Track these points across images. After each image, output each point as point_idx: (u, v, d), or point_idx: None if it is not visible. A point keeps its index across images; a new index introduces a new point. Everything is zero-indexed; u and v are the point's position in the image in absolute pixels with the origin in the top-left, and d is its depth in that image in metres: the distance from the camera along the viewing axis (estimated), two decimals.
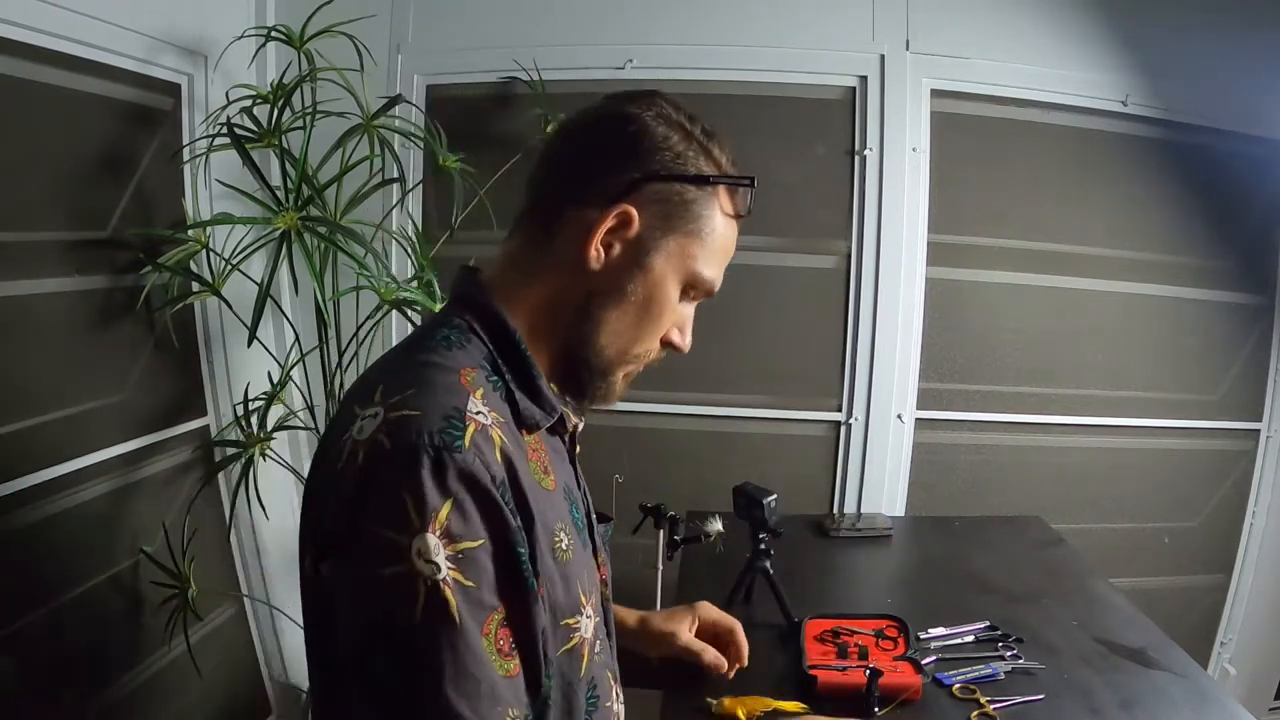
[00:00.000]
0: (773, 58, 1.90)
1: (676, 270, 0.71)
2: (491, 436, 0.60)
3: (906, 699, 1.07)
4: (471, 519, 0.57)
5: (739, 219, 0.74)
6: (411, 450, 0.56)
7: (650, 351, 0.74)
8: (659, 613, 1.01)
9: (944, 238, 1.95)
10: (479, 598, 0.57)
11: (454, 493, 0.56)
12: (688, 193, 0.69)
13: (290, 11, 1.77)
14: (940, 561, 1.62)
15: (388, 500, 0.55)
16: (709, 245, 0.72)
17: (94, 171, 1.46)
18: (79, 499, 1.43)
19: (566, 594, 0.66)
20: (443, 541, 0.55)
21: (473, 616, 0.56)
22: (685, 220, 0.70)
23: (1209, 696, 1.12)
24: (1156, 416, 2.02)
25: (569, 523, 0.69)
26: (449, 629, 0.55)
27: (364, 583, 0.56)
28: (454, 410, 0.59)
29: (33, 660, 1.33)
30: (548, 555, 0.63)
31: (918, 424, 2.00)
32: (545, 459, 0.70)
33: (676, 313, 0.73)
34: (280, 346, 1.90)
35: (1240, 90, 1.92)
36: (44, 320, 1.37)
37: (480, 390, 0.63)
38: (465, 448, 0.57)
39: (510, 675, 0.59)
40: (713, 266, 0.73)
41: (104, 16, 1.41)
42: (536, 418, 0.69)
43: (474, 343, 0.68)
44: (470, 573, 0.56)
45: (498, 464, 0.59)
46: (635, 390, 2.14)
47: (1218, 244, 1.98)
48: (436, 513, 0.55)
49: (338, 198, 1.63)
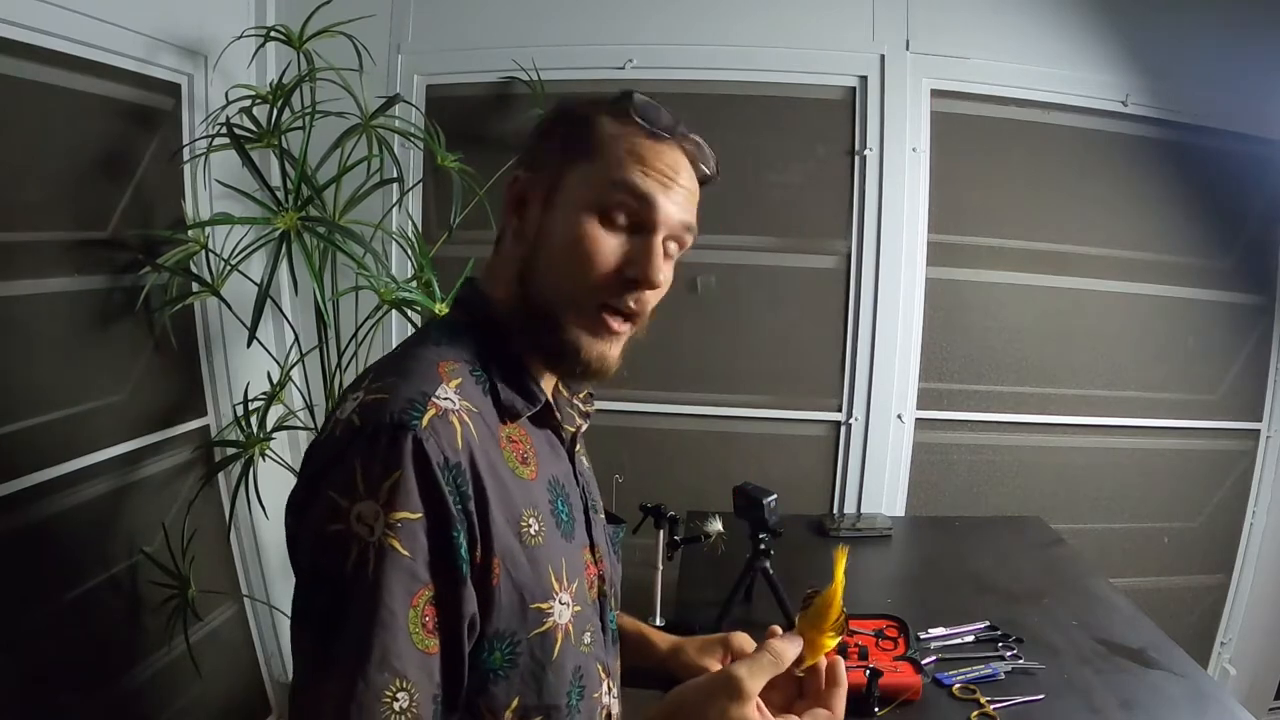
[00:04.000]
0: (773, 58, 1.90)
1: (583, 198, 0.71)
2: (452, 422, 0.64)
3: (906, 699, 1.07)
4: (412, 494, 0.60)
5: (645, 128, 0.72)
6: (373, 427, 0.62)
7: (600, 292, 0.71)
8: (693, 640, 0.97)
9: (944, 238, 1.95)
10: (412, 568, 0.60)
11: (401, 467, 0.60)
12: (572, 131, 0.73)
13: (290, 11, 1.78)
14: (940, 561, 1.62)
15: (344, 468, 0.61)
16: (608, 157, 0.71)
17: (94, 171, 1.46)
18: (79, 499, 1.43)
19: (535, 576, 0.68)
20: (384, 510, 0.59)
21: (402, 585, 0.59)
22: (574, 152, 0.72)
23: (1209, 696, 1.12)
24: (1156, 416, 2.02)
25: (546, 513, 0.72)
26: (372, 589, 0.59)
27: (311, 537, 0.62)
28: (420, 394, 0.64)
29: (33, 660, 1.33)
30: (508, 536, 0.66)
31: (918, 424, 2.00)
32: (528, 450, 0.73)
33: (607, 242, 0.70)
34: (280, 346, 1.90)
35: (1240, 90, 1.92)
36: (44, 320, 1.37)
37: (457, 381, 0.68)
38: (422, 428, 0.62)
39: (428, 652, 0.61)
40: (619, 172, 0.70)
41: (104, 16, 1.41)
42: (517, 406, 0.72)
43: (465, 339, 0.74)
44: (407, 542, 0.60)
45: (454, 449, 0.63)
46: (635, 390, 2.15)
47: (1218, 244, 1.98)
48: (381, 483, 0.60)
49: (337, 198, 1.63)
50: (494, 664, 0.67)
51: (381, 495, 0.60)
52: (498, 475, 0.67)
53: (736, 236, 1.94)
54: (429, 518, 0.61)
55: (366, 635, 0.58)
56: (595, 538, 0.81)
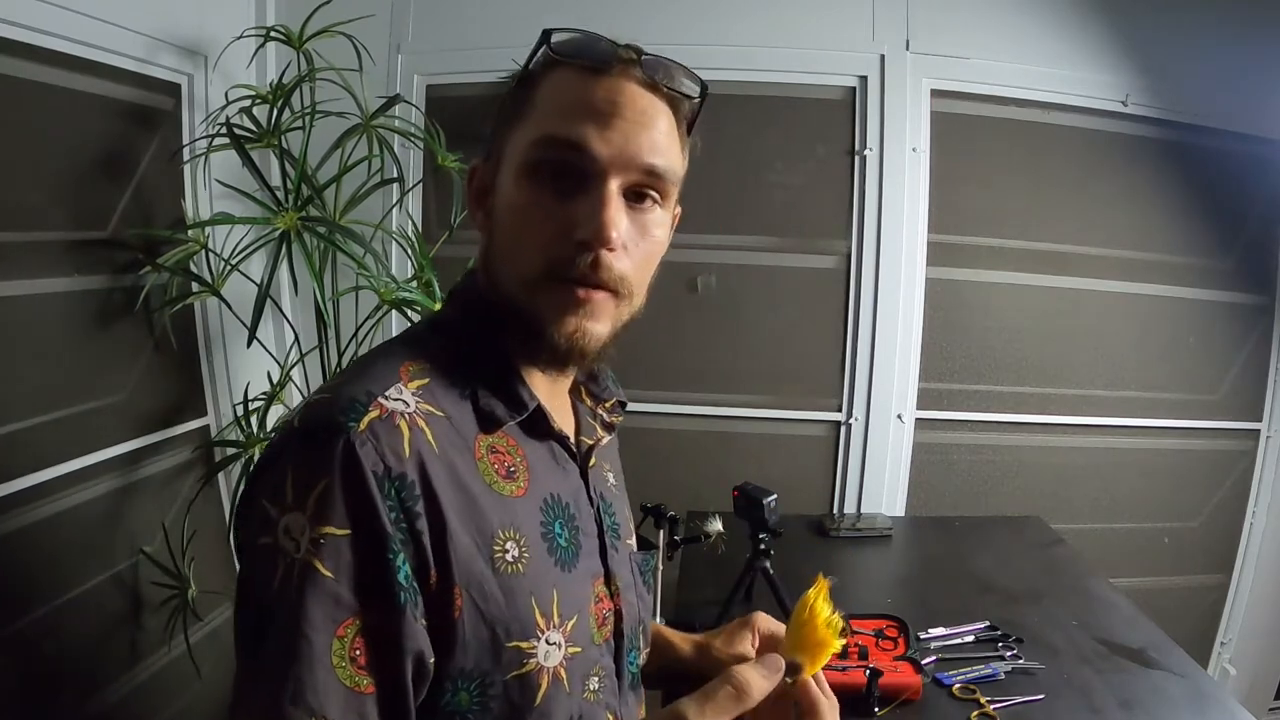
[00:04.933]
0: (773, 58, 1.90)
1: (513, 164, 0.63)
2: (399, 426, 0.56)
3: (906, 699, 1.07)
4: (337, 506, 0.53)
5: (576, 64, 0.62)
6: (307, 430, 0.56)
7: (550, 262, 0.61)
8: (716, 634, 0.90)
9: (944, 238, 1.95)
10: (336, 592, 0.53)
11: (330, 475, 0.53)
12: (509, 101, 0.66)
13: (290, 11, 1.77)
14: (940, 561, 1.62)
15: (275, 474, 0.55)
16: (536, 112, 0.63)
17: (94, 171, 1.46)
18: (79, 499, 1.43)
19: (510, 610, 0.59)
20: (310, 523, 0.53)
21: (324, 610, 0.52)
22: (510, 121, 0.65)
23: (1209, 696, 1.12)
24: (1156, 416, 2.02)
25: (534, 536, 0.62)
26: (292, 614, 0.52)
27: (245, 548, 0.56)
28: (364, 394, 0.57)
29: (33, 660, 1.33)
30: (475, 561, 0.58)
31: (918, 424, 2.00)
32: (516, 463, 0.64)
33: (546, 206, 0.61)
34: (280, 346, 1.90)
35: (1240, 90, 1.92)
36: (44, 320, 1.36)
37: (422, 382, 0.61)
38: (358, 431, 0.55)
39: (358, 691, 0.53)
40: (542, 124, 0.62)
41: (104, 16, 1.41)
42: (498, 413, 0.64)
43: (448, 336, 0.67)
44: (329, 561, 0.53)
45: (397, 456, 0.55)
46: (635, 390, 2.14)
47: (1218, 244, 1.98)
48: (308, 492, 0.53)
49: (337, 198, 1.63)
50: (460, 706, 0.58)
51: (309, 506, 0.53)
52: (465, 489, 0.59)
53: (736, 236, 1.94)
54: (357, 534, 0.53)
55: (283, 665, 0.51)
56: (613, 567, 0.71)
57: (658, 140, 0.62)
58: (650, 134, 0.61)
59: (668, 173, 0.63)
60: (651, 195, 0.63)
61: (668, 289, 1.91)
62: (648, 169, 0.61)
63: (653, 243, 0.65)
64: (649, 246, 0.65)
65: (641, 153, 0.61)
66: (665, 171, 0.62)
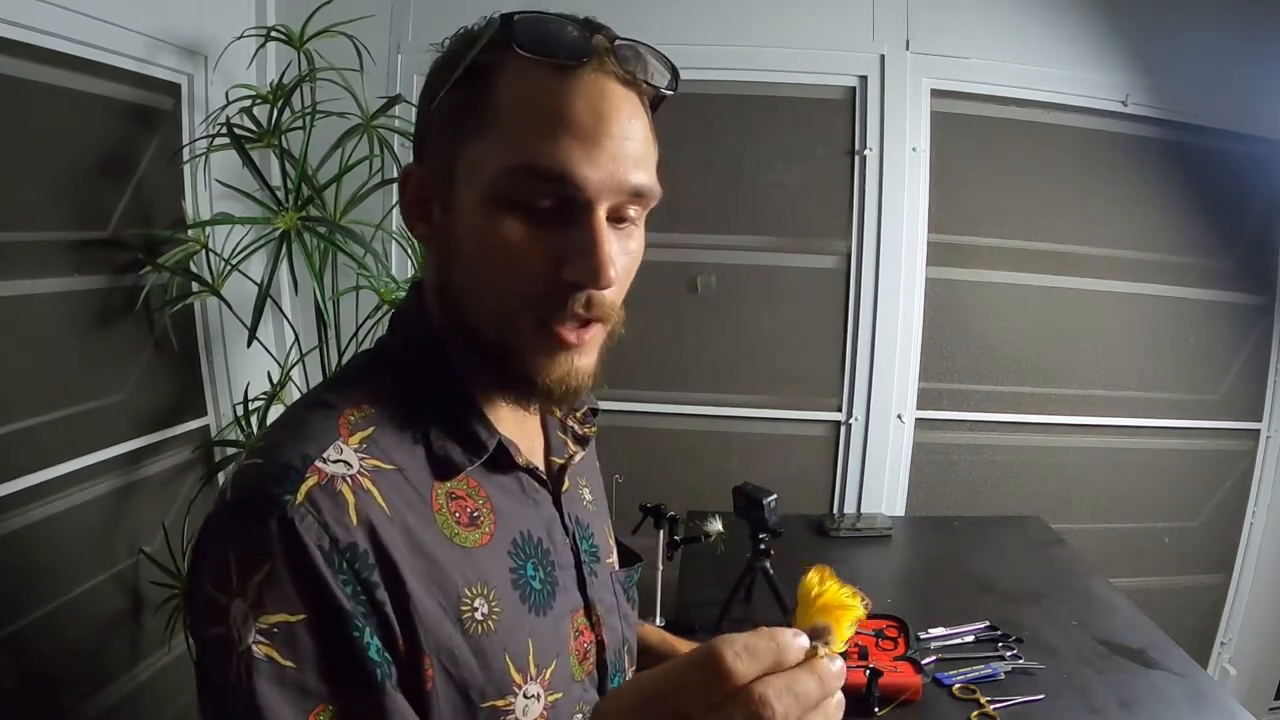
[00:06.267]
0: (773, 58, 1.90)
1: (481, 189, 0.54)
2: (341, 492, 0.51)
3: (906, 699, 1.07)
4: (286, 589, 0.48)
5: (544, 60, 0.53)
6: (241, 504, 0.50)
7: (536, 306, 0.55)
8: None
9: (944, 238, 1.95)
10: (299, 680, 0.48)
11: (273, 556, 0.48)
12: (457, 97, 0.56)
13: (290, 11, 1.77)
14: (940, 561, 1.62)
15: (214, 557, 0.50)
16: (502, 124, 0.53)
17: (94, 171, 1.46)
18: (79, 499, 1.43)
19: (485, 672, 0.55)
20: (254, 611, 0.48)
21: (290, 701, 0.48)
22: (463, 128, 0.55)
23: (1209, 696, 1.12)
24: (1156, 416, 2.02)
25: (504, 586, 0.57)
26: (255, 707, 0.47)
27: (197, 637, 0.52)
28: (299, 459, 0.51)
29: (33, 660, 1.33)
30: (444, 627, 0.53)
31: (918, 424, 2.00)
32: (479, 507, 0.59)
33: (528, 241, 0.53)
34: (280, 346, 1.90)
35: (1240, 90, 1.92)
36: (44, 320, 1.37)
37: (365, 433, 0.55)
38: (295, 505, 0.49)
39: None
40: (516, 148, 0.52)
41: (104, 16, 1.41)
42: (454, 458, 0.57)
43: (392, 372, 0.60)
44: (286, 650, 0.48)
45: (344, 526, 0.50)
46: (635, 390, 2.14)
47: (1218, 244, 1.98)
48: (250, 577, 0.48)
49: (337, 198, 1.63)
50: None
51: (254, 594, 0.48)
52: (422, 551, 0.53)
53: (736, 236, 1.94)
54: (312, 616, 0.48)
55: None
56: (592, 596, 0.66)
57: (641, 154, 0.55)
58: (634, 147, 0.54)
59: (651, 191, 0.56)
60: (632, 214, 0.57)
61: (668, 289, 1.92)
62: (634, 190, 0.55)
63: (634, 260, 0.59)
64: (631, 264, 0.59)
65: (629, 175, 0.54)
66: (649, 190, 0.56)
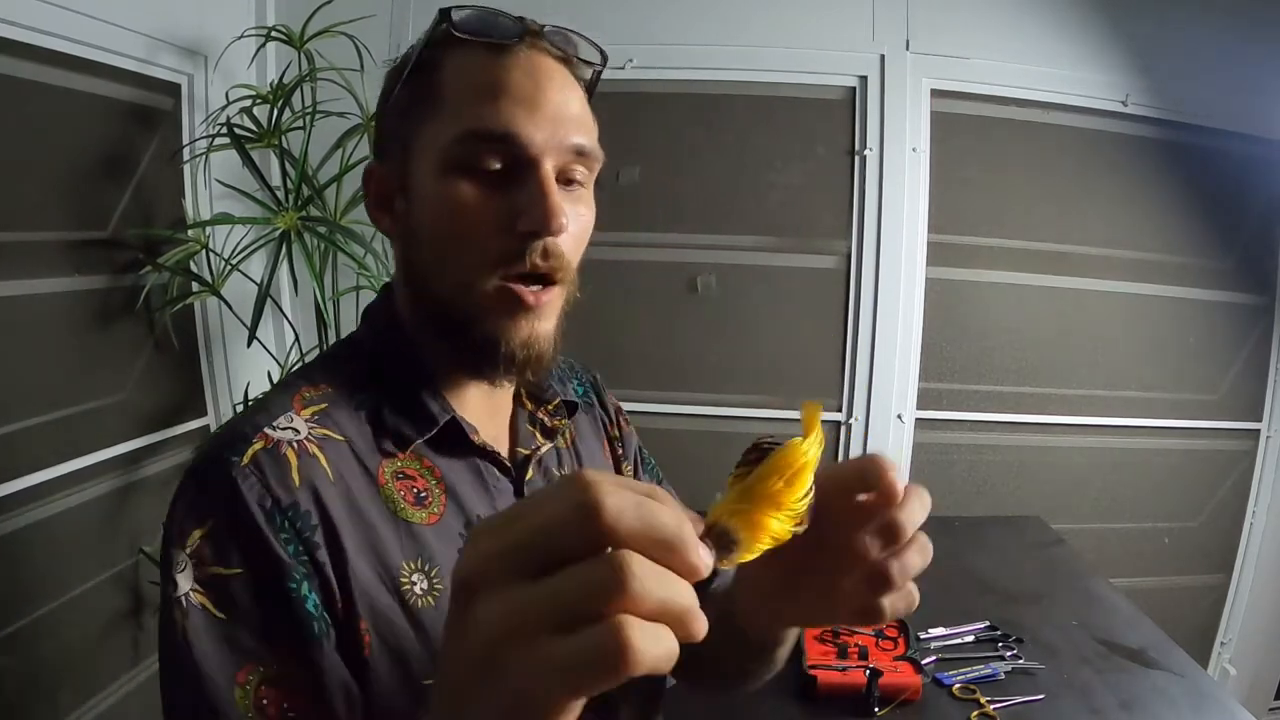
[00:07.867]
0: (773, 58, 1.90)
1: (434, 163, 0.58)
2: (285, 455, 0.54)
3: (906, 699, 1.07)
4: (226, 544, 0.51)
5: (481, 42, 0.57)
6: (197, 468, 0.55)
7: (495, 261, 0.57)
8: None
9: (944, 238, 1.95)
10: (231, 635, 0.50)
11: (214, 513, 0.52)
12: (408, 89, 0.60)
13: (290, 11, 1.77)
14: (940, 561, 1.60)
15: (173, 518, 0.53)
16: (449, 102, 0.57)
17: (94, 171, 1.46)
18: (79, 499, 1.43)
19: (424, 645, 0.55)
20: (193, 561, 0.50)
21: (220, 654, 0.49)
22: (415, 114, 0.59)
23: (1209, 696, 1.12)
24: (1156, 416, 2.02)
25: (449, 565, 0.57)
26: (191, 667, 0.49)
27: (162, 597, 0.54)
28: (251, 427, 0.55)
29: (33, 660, 1.33)
30: (380, 594, 0.54)
31: (918, 424, 2.00)
32: (430, 488, 0.60)
33: (482, 200, 0.56)
34: (280, 346, 1.90)
35: (1240, 90, 1.92)
36: (44, 320, 1.36)
37: (317, 408, 0.58)
38: (241, 465, 0.53)
39: None
40: (463, 118, 0.56)
41: (104, 16, 1.41)
42: (404, 430, 0.60)
43: (354, 359, 0.64)
44: (221, 602, 0.50)
45: (286, 487, 0.53)
46: (635, 390, 2.13)
47: (1218, 244, 1.98)
48: (193, 532, 0.51)
49: (337, 198, 1.63)
50: None
51: (191, 546, 0.51)
52: (363, 518, 0.55)
53: (736, 236, 1.94)
54: (251, 571, 0.51)
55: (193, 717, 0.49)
56: None
57: (580, 117, 0.58)
58: (573, 110, 0.58)
59: (593, 151, 0.59)
60: (579, 177, 0.60)
61: (667, 289, 1.92)
62: (577, 149, 0.58)
63: (585, 223, 0.61)
64: (582, 226, 0.61)
65: (570, 133, 0.57)
66: (591, 150, 0.59)
